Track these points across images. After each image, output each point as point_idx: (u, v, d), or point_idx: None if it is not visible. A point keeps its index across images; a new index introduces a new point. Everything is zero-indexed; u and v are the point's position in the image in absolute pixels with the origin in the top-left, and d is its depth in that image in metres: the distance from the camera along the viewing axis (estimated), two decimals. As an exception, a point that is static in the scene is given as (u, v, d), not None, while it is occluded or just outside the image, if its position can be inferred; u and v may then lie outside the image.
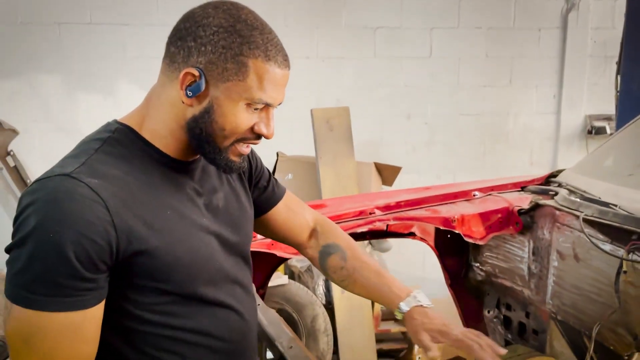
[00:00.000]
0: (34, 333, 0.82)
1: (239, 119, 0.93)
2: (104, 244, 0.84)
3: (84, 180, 0.85)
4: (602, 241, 1.63)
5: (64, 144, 3.97)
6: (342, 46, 3.95)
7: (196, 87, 0.90)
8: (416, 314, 1.16)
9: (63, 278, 0.82)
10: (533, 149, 4.36)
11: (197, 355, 0.99)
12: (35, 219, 0.81)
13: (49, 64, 3.64)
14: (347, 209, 1.95)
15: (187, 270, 0.95)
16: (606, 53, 4.21)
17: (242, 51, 0.89)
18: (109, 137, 0.94)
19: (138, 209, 0.89)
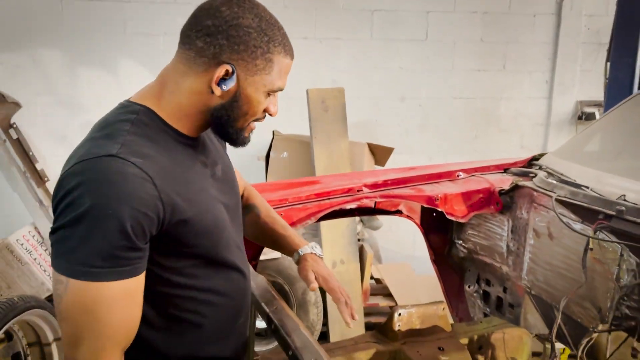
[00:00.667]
0: (95, 303, 0.91)
1: (261, 104, 1.06)
2: (154, 217, 0.94)
3: (130, 160, 0.93)
4: (574, 221, 1.74)
5: (65, 118, 4.07)
6: (340, 28, 4.00)
7: (229, 82, 1.00)
8: (309, 258, 1.33)
9: (121, 250, 0.91)
10: (524, 133, 4.44)
11: (212, 313, 1.11)
12: (91, 198, 0.89)
13: (52, 38, 3.69)
14: (337, 186, 2.04)
15: (211, 237, 1.07)
16: (599, 40, 4.27)
17: (269, 49, 1.01)
18: (135, 118, 1.01)
19: (174, 184, 0.99)
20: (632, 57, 3.28)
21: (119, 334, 0.95)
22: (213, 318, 1.12)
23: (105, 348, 0.93)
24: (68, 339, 0.93)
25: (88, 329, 0.92)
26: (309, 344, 1.10)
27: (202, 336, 1.11)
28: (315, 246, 1.38)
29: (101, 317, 0.92)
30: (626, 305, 1.56)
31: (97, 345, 0.92)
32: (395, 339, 1.79)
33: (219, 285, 1.12)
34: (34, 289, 3.24)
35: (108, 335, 0.93)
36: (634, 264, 1.52)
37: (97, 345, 0.92)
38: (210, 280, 1.10)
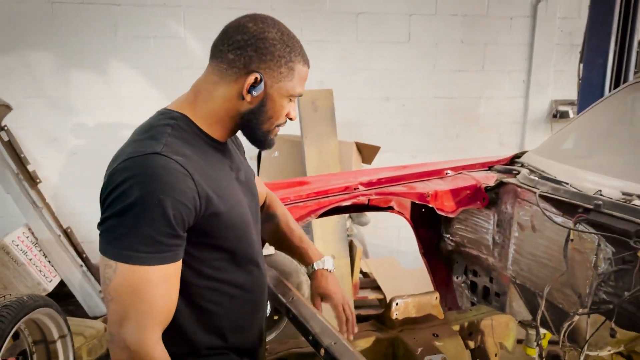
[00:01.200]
0: (142, 284, 1.02)
1: (283, 109, 1.19)
2: (192, 208, 1.05)
3: (173, 157, 1.04)
4: (555, 214, 1.87)
5: (56, 120, 4.11)
6: (326, 30, 4.09)
7: (258, 88, 1.13)
8: (319, 274, 1.50)
9: (165, 237, 1.02)
10: (503, 131, 4.60)
11: (233, 305, 1.22)
12: (140, 190, 1.00)
13: (42, 41, 3.70)
14: (334, 184, 2.15)
15: (238, 231, 1.19)
16: (572, 42, 4.46)
17: (291, 58, 1.15)
18: (175, 123, 1.13)
19: (208, 180, 1.10)
20: (604, 59, 3.44)
21: (160, 313, 1.05)
22: (234, 310, 1.23)
23: (148, 326, 1.03)
24: (115, 317, 1.03)
25: (134, 308, 1.02)
26: (327, 329, 1.22)
27: (223, 326, 1.22)
28: (326, 260, 1.53)
29: (146, 298, 1.02)
30: (603, 291, 1.68)
31: (141, 323, 1.03)
32: (393, 327, 1.92)
33: (241, 279, 1.23)
34: (30, 289, 3.28)
35: (151, 314, 1.03)
36: (610, 253, 1.64)
37: (142, 323, 1.03)
38: (233, 274, 1.21)
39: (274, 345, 1.81)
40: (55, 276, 3.52)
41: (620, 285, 1.64)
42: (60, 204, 3.88)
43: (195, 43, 3.86)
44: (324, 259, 1.52)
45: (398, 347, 1.86)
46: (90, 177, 3.98)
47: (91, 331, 2.88)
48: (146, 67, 3.88)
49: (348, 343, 1.12)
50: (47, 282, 3.42)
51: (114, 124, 3.88)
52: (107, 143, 3.82)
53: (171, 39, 3.87)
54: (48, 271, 3.47)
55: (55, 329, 2.44)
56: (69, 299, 3.64)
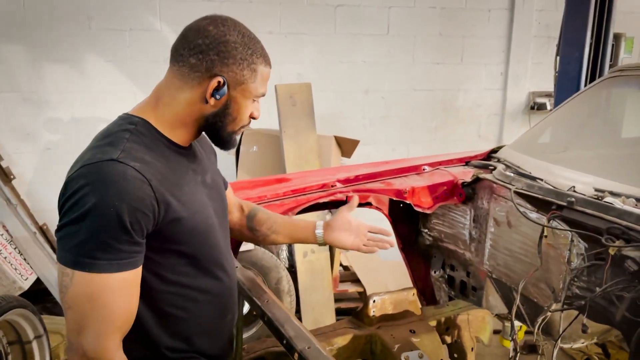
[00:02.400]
0: (99, 292, 1.01)
1: (248, 110, 1.20)
2: (151, 215, 1.05)
3: (130, 164, 1.04)
4: (530, 210, 1.89)
5: (30, 115, 4.03)
6: (304, 23, 4.06)
7: (222, 92, 1.13)
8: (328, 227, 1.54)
9: (122, 244, 1.01)
10: (481, 123, 4.64)
11: (199, 310, 1.22)
12: (96, 197, 0.99)
13: (14, 34, 3.61)
14: (311, 181, 2.15)
15: (201, 236, 1.18)
16: (549, 34, 4.50)
17: (254, 60, 1.15)
18: (134, 128, 1.12)
19: (168, 186, 1.10)
20: (580, 52, 3.48)
21: (119, 320, 1.05)
22: (200, 315, 1.22)
23: (107, 333, 1.03)
24: (73, 325, 1.03)
25: (92, 316, 1.02)
26: (301, 333, 1.22)
27: (190, 330, 1.21)
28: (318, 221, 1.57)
29: (104, 305, 1.02)
30: (576, 286, 1.71)
31: (100, 330, 1.02)
32: (370, 324, 1.93)
33: (206, 284, 1.22)
34: (5, 288, 3.23)
35: (110, 321, 1.03)
36: (583, 248, 1.67)
37: (100, 330, 1.02)
38: (198, 279, 1.20)
39: (251, 344, 1.81)
40: (32, 274, 3.46)
41: (592, 280, 1.67)
42: (35, 201, 3.81)
43: (171, 35, 3.80)
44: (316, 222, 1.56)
45: (375, 344, 1.88)
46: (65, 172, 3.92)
47: (68, 330, 2.84)
48: (122, 60, 3.81)
49: (322, 347, 1.12)
50: (23, 280, 3.37)
51: (89, 118, 3.82)
52: (82, 138, 3.76)
53: (147, 31, 3.81)
54: (24, 269, 3.41)
55: (31, 330, 2.41)
56: (46, 296, 3.59)
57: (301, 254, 3.34)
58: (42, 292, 3.56)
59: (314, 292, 3.36)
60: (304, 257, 3.34)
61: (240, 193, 2.02)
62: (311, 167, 3.37)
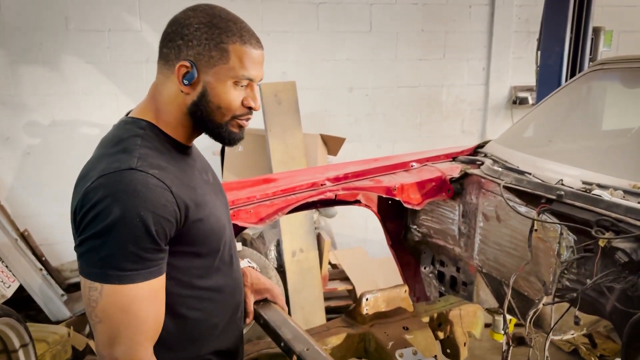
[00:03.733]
0: (131, 302, 0.99)
1: (230, 96, 1.10)
2: (173, 221, 1.03)
3: (149, 172, 1.02)
4: (519, 204, 1.90)
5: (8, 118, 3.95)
6: (287, 20, 4.04)
7: (190, 76, 1.07)
8: (247, 272, 1.46)
9: (149, 253, 1.00)
10: (465, 118, 4.67)
11: (215, 309, 1.21)
12: (120, 208, 0.96)
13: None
14: (300, 181, 2.13)
15: (216, 237, 1.17)
16: (529, 29, 4.53)
17: (222, 39, 1.06)
18: (144, 133, 1.09)
19: (184, 190, 1.08)
20: (560, 46, 3.52)
21: (151, 328, 1.04)
22: (216, 314, 1.22)
23: (141, 342, 1.02)
24: (105, 339, 1.00)
25: (125, 327, 1.00)
26: (299, 335, 1.21)
27: (207, 332, 1.20)
28: (249, 261, 1.52)
29: (136, 315, 1.00)
30: (567, 278, 1.73)
31: (133, 341, 1.01)
32: (363, 322, 1.93)
33: (220, 283, 1.21)
34: (-13, 297, 3.16)
35: (142, 331, 1.02)
36: (572, 241, 1.69)
37: (134, 340, 1.01)
38: (212, 279, 1.19)
39: (245, 346, 1.79)
40: (14, 281, 3.39)
41: (582, 272, 1.69)
42: (16, 207, 3.73)
43: (152, 35, 3.75)
44: (246, 259, 1.53)
45: (369, 342, 1.87)
46: (46, 177, 3.89)
47: (54, 337, 2.79)
48: (102, 62, 3.75)
49: (321, 349, 1.11)
50: (6, 288, 3.30)
51: (69, 121, 3.74)
52: (62, 141, 3.72)
53: (127, 31, 3.74)
54: (6, 277, 3.34)
55: (17, 338, 2.36)
56: (30, 304, 3.52)
57: (290, 253, 3.33)
58: (26, 299, 3.49)
59: (303, 291, 3.35)
60: (293, 257, 3.33)
61: (229, 194, 1.99)
62: (298, 165, 3.36)
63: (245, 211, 1.94)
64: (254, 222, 1.96)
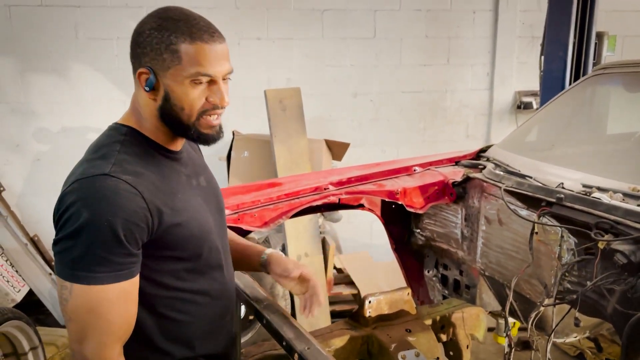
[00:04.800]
0: (97, 303, 1.03)
1: (190, 96, 1.10)
2: (144, 226, 1.06)
3: (122, 177, 1.04)
4: (520, 207, 1.92)
5: (18, 126, 4.02)
6: (292, 28, 4.08)
7: (150, 82, 1.09)
8: (277, 256, 1.44)
9: (118, 256, 1.03)
10: (469, 123, 4.68)
11: (200, 312, 1.23)
12: (89, 212, 1.00)
13: (0, 46, 3.60)
14: (304, 185, 2.16)
15: (198, 241, 1.18)
16: (533, 34, 4.55)
17: (171, 41, 1.07)
18: (124, 139, 1.13)
19: (161, 196, 1.10)
20: (564, 51, 3.53)
21: (119, 329, 1.07)
22: (201, 317, 1.23)
23: (108, 342, 1.06)
24: (75, 336, 1.05)
25: (92, 326, 1.04)
26: (300, 335, 1.23)
27: (193, 334, 1.23)
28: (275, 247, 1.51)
29: (103, 315, 1.04)
30: (568, 281, 1.74)
31: (101, 340, 1.05)
32: (366, 325, 1.94)
33: (205, 286, 1.23)
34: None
35: (110, 330, 1.05)
36: (573, 244, 1.71)
37: (101, 340, 1.05)
38: (196, 282, 1.21)
39: (249, 348, 1.82)
40: (24, 286, 3.44)
41: (583, 275, 1.71)
42: (26, 212, 3.79)
43: (159, 43, 3.80)
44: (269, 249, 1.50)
45: (372, 344, 1.89)
46: (55, 183, 3.89)
47: (63, 340, 2.83)
48: (110, 69, 3.81)
49: (321, 348, 1.14)
50: (16, 293, 3.35)
51: (78, 128, 3.81)
52: (71, 148, 3.77)
53: (135, 39, 3.80)
54: (16, 281, 3.39)
55: (26, 341, 2.40)
56: (39, 308, 3.57)
57: (295, 257, 3.36)
58: (35, 303, 3.54)
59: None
60: (298, 261, 3.35)
61: (234, 198, 2.03)
62: (302, 171, 3.39)
63: (250, 215, 1.97)
64: (259, 226, 1.99)
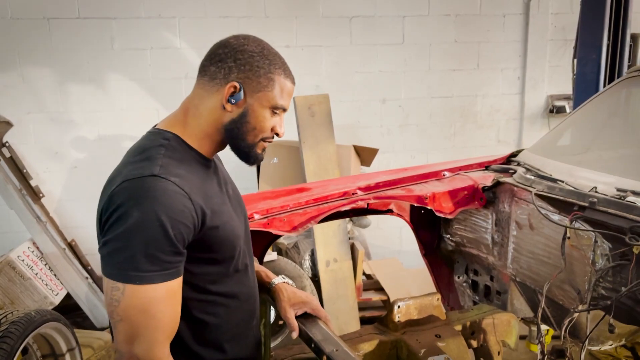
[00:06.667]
0: (151, 302, 1.06)
1: (265, 120, 1.21)
2: (191, 226, 1.09)
3: (170, 179, 1.08)
4: (552, 212, 1.90)
5: (56, 134, 4.16)
6: (320, 35, 4.12)
7: (237, 96, 1.17)
8: (282, 287, 1.47)
9: (168, 255, 1.06)
10: (500, 128, 4.63)
11: (229, 315, 1.26)
12: (141, 211, 1.03)
13: (40, 57, 3.74)
14: (333, 190, 2.18)
15: (230, 244, 1.22)
16: (565, 37, 4.48)
17: (270, 70, 1.18)
18: (168, 144, 1.17)
19: (203, 198, 1.14)
20: (597, 54, 3.46)
21: (168, 328, 1.10)
22: (231, 320, 1.26)
23: (159, 341, 1.08)
24: (125, 336, 1.07)
25: (144, 326, 1.06)
26: (328, 337, 1.24)
27: (221, 337, 1.26)
28: (284, 277, 1.53)
29: (155, 315, 1.07)
30: (602, 287, 1.71)
31: (152, 339, 1.07)
32: (395, 330, 1.94)
33: (234, 289, 1.27)
34: (37, 303, 3.32)
35: (161, 330, 1.08)
36: (607, 249, 1.67)
37: (152, 339, 1.07)
38: (227, 285, 1.25)
39: (278, 351, 1.84)
40: (62, 289, 3.55)
41: (618, 280, 1.67)
42: (64, 218, 3.92)
43: (190, 52, 3.89)
44: (281, 276, 1.53)
45: (401, 349, 1.89)
46: (92, 189, 4.02)
47: (99, 342, 2.91)
48: (144, 78, 3.92)
49: (350, 350, 1.15)
50: (54, 296, 3.46)
51: (114, 136, 3.92)
52: (107, 155, 3.88)
53: (167, 49, 3.91)
54: (54, 284, 3.50)
55: (64, 343, 2.47)
56: (76, 311, 3.67)
57: (324, 263, 3.37)
58: (72, 307, 3.65)
59: (337, 300, 3.37)
60: (327, 267, 3.36)
61: (263, 203, 2.06)
62: (331, 176, 3.41)
63: (279, 219, 2.00)
64: (287, 230, 2.01)
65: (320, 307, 1.47)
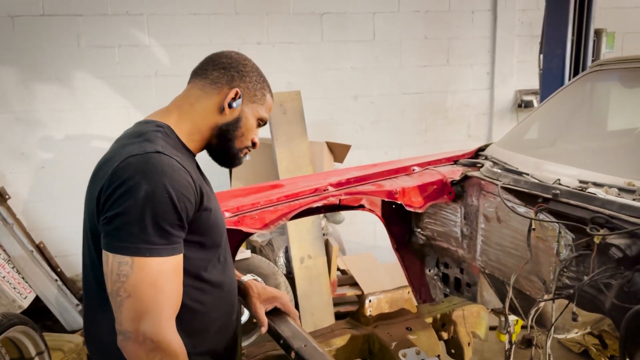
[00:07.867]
0: (159, 276, 1.06)
1: (252, 130, 1.34)
2: (193, 202, 1.13)
3: (173, 156, 1.13)
4: (518, 205, 1.93)
5: (23, 134, 4.06)
6: (291, 32, 4.11)
7: (237, 102, 1.28)
8: (252, 284, 1.52)
9: (175, 229, 1.09)
10: (470, 123, 4.70)
11: (214, 304, 1.28)
12: (150, 184, 1.05)
13: (4, 56, 3.65)
14: (304, 186, 2.18)
15: (219, 231, 1.27)
16: (532, 33, 4.56)
17: (264, 87, 1.35)
18: (163, 130, 1.22)
19: (198, 180, 1.18)
20: (562, 49, 3.54)
21: (175, 303, 1.11)
22: (214, 309, 1.28)
23: (167, 316, 1.08)
24: (133, 314, 1.05)
25: (154, 300, 1.06)
26: (297, 333, 1.25)
27: (204, 326, 1.26)
28: (253, 275, 1.58)
29: (163, 288, 1.07)
30: (566, 276, 1.75)
31: (161, 314, 1.07)
32: (367, 324, 1.96)
33: (220, 279, 1.29)
34: (5, 307, 3.24)
35: (169, 304, 1.09)
36: (570, 239, 1.71)
37: (162, 314, 1.07)
38: (214, 274, 1.27)
39: (251, 348, 1.84)
40: (30, 292, 3.48)
41: (581, 270, 1.71)
42: (32, 219, 3.84)
43: (160, 50, 3.84)
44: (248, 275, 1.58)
45: (373, 342, 1.91)
46: (60, 190, 3.99)
47: (70, 345, 2.86)
48: (112, 77, 3.85)
49: (318, 345, 1.16)
50: (22, 299, 3.38)
51: (82, 135, 3.85)
52: (75, 155, 3.82)
53: (136, 47, 3.84)
54: (23, 288, 3.43)
55: (32, 346, 2.43)
56: (46, 314, 3.61)
57: (298, 260, 3.38)
58: (42, 310, 3.58)
59: (312, 297, 3.38)
60: (301, 263, 3.37)
61: (234, 201, 2.05)
62: (304, 173, 3.41)
63: (250, 217, 1.99)
64: (259, 228, 2.01)
65: (290, 304, 1.51)
